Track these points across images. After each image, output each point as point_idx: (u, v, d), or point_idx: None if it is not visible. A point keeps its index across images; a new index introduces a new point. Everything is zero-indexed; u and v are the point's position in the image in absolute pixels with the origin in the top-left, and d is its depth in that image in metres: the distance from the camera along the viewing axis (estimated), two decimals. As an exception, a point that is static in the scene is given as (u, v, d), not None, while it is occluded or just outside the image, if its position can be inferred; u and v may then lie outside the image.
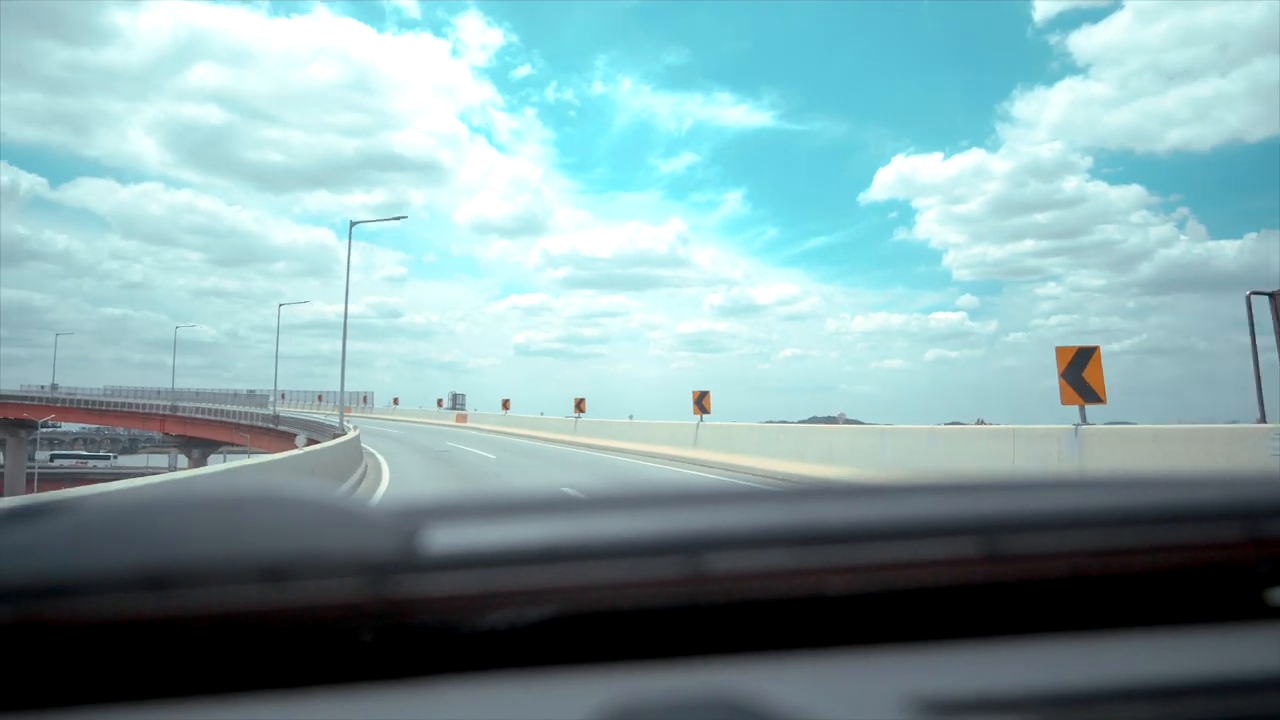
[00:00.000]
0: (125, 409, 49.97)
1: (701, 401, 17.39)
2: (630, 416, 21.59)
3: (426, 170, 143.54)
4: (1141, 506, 0.51)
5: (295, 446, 17.39)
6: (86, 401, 52.73)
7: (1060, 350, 8.50)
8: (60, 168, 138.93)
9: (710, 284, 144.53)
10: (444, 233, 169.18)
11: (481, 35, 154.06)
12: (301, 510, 0.46)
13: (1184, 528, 0.49)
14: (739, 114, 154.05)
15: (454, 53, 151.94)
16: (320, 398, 55.00)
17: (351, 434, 16.58)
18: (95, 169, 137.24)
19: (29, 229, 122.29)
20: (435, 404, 47.46)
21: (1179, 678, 0.42)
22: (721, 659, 0.43)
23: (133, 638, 0.40)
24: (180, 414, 42.76)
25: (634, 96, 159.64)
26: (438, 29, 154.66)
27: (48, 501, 0.45)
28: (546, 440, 23.48)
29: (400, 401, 52.62)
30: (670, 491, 0.52)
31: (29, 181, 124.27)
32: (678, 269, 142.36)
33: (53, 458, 64.15)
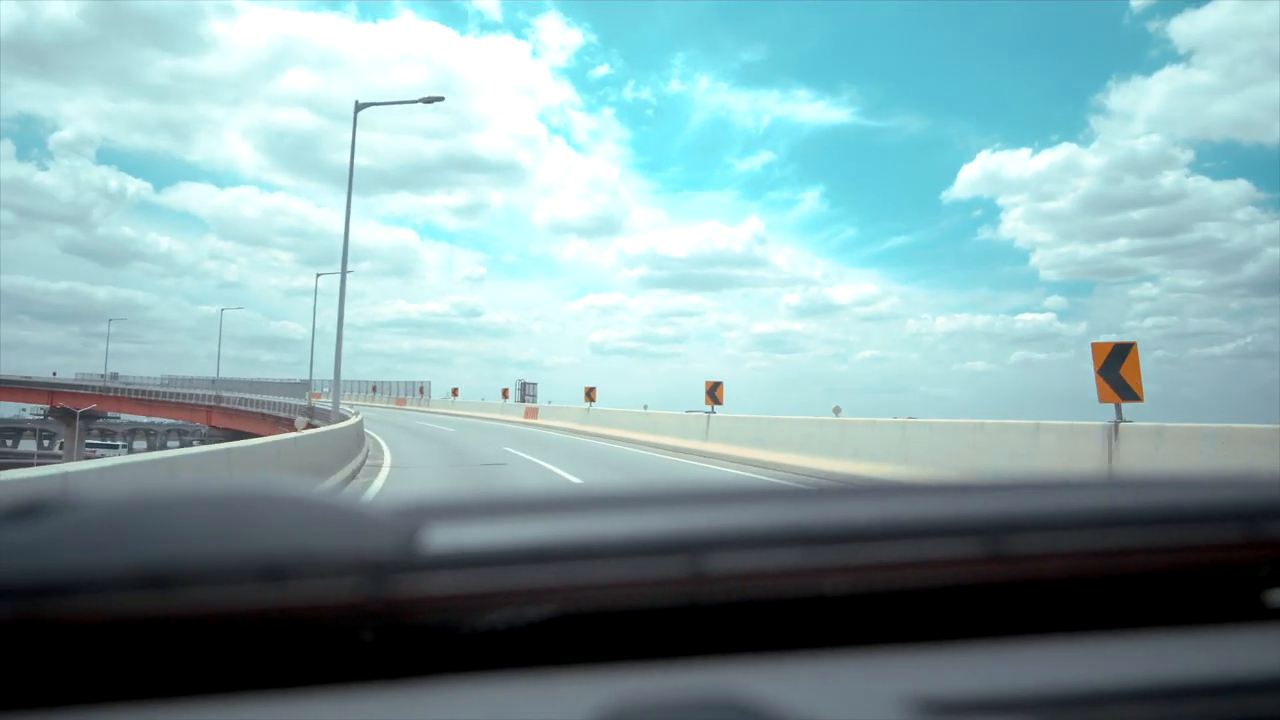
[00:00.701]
0: (174, 399, 49.67)
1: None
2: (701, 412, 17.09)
3: (506, 171, 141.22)
4: (1141, 507, 0.51)
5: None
6: (139, 392, 52.42)
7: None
8: (164, 172, 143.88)
9: (787, 284, 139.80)
10: (522, 233, 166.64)
11: (561, 36, 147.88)
12: (302, 509, 0.46)
13: (1184, 529, 0.49)
14: (817, 111, 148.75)
15: (534, 54, 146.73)
16: (374, 389, 51.11)
17: (347, 422, 15.01)
18: (195, 173, 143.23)
19: (135, 231, 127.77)
20: (500, 395, 36.79)
21: (1179, 679, 0.42)
22: (722, 659, 0.43)
23: (132, 636, 0.40)
24: (224, 405, 42.45)
25: (711, 95, 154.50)
26: (518, 30, 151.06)
27: (47, 499, 0.45)
28: (662, 447, 16.50)
29: (460, 392, 43.23)
30: (671, 490, 0.52)
31: (135, 186, 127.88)
32: (754, 269, 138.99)
33: (88, 446, 66.07)
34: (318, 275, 36.94)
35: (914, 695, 0.40)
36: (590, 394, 23.17)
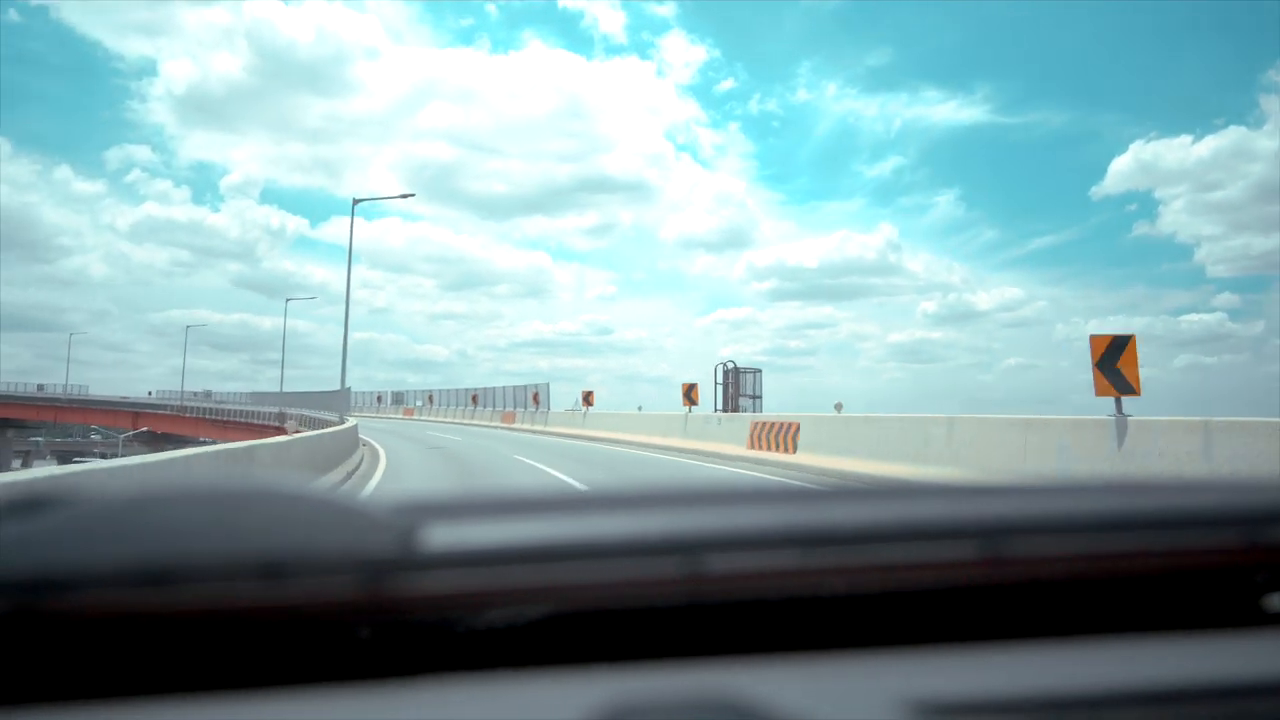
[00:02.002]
0: (244, 419, 49.22)
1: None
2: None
3: (634, 190, 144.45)
4: (1140, 511, 0.51)
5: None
6: (214, 411, 46.06)
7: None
8: (319, 208, 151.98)
9: (923, 291, 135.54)
10: (651, 250, 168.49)
11: (685, 54, 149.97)
12: (299, 506, 0.46)
13: (1182, 533, 0.50)
14: (948, 111, 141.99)
15: (659, 73, 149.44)
16: (475, 399, 37.61)
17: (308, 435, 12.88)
18: (346, 208, 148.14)
19: (295, 265, 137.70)
20: (682, 400, 19.64)
21: (1176, 683, 0.42)
22: (720, 660, 0.43)
23: (130, 633, 0.40)
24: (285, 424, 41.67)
25: (837, 102, 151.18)
26: (643, 51, 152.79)
27: (45, 495, 0.45)
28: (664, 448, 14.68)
29: (597, 401, 25.54)
30: (670, 490, 0.52)
31: (294, 223, 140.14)
32: (888, 276, 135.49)
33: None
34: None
35: (912, 697, 0.40)
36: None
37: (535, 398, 30.47)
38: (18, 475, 4.24)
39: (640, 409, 22.84)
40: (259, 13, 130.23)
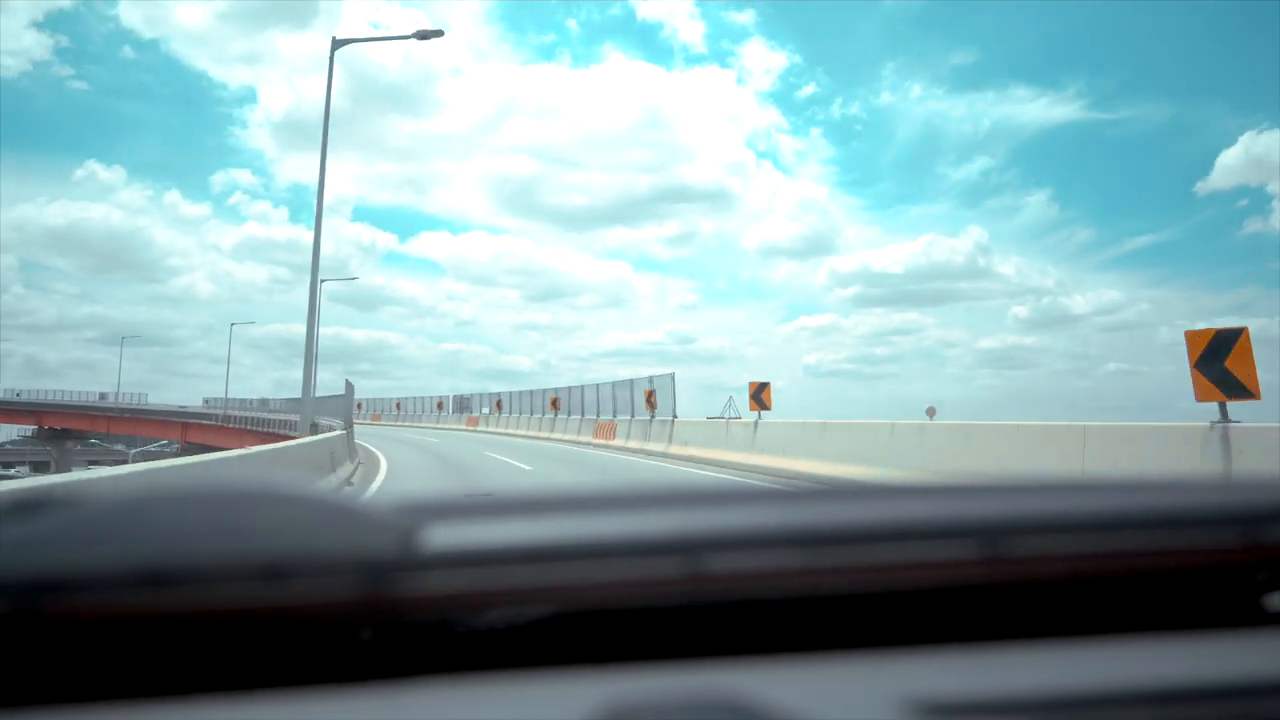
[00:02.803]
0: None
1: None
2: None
3: (715, 199, 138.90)
4: (1140, 511, 0.50)
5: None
6: (245, 420, 43.13)
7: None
8: (407, 224, 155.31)
9: (1015, 295, 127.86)
10: (732, 259, 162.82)
11: (765, 60, 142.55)
12: (300, 507, 0.45)
13: (1182, 532, 0.49)
14: (1038, 109, 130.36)
15: (739, 81, 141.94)
16: (555, 403, 27.92)
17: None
18: (433, 223, 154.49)
19: (385, 279, 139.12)
20: (750, 405, 14.77)
21: (1177, 682, 0.41)
22: (721, 660, 0.43)
23: (130, 634, 0.40)
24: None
25: (920, 104, 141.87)
26: (723, 60, 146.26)
27: (44, 497, 0.45)
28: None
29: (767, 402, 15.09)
30: (670, 491, 0.52)
31: (385, 239, 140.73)
32: (977, 280, 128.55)
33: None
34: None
35: (912, 697, 0.39)
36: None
37: (650, 398, 19.58)
38: (19, 482, 4.22)
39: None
40: (349, 37, 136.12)
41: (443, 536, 0.43)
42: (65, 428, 55.46)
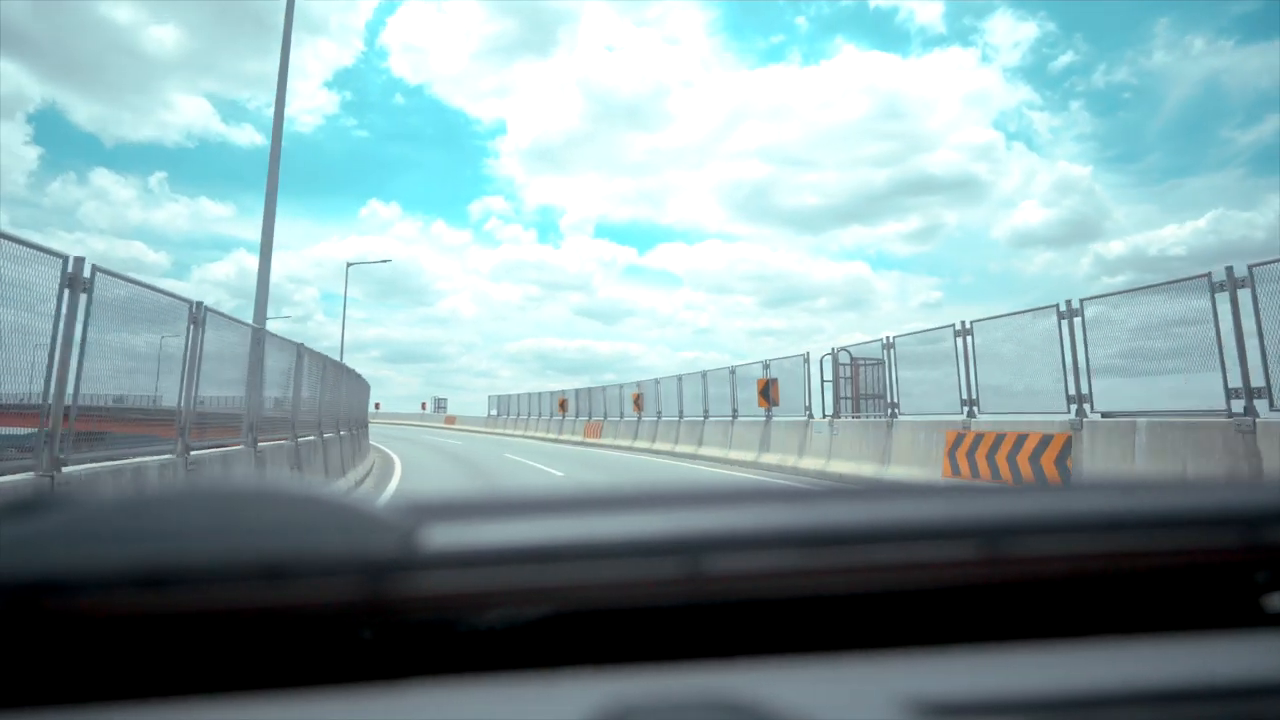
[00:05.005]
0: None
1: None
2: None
3: (960, 188, 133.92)
4: (1140, 511, 0.50)
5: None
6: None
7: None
8: (644, 238, 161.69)
9: None
10: (979, 251, 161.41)
11: (1013, 33, 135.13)
12: (301, 507, 0.45)
13: (1182, 533, 0.49)
14: None
15: (983, 59, 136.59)
16: (563, 404, 26.49)
17: None
18: (669, 235, 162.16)
19: (626, 292, 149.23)
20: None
21: (1177, 683, 0.42)
22: (721, 660, 0.43)
23: (131, 634, 0.40)
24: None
25: (1200, 61, 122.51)
26: (964, 39, 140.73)
27: (45, 496, 0.45)
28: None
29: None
30: (671, 491, 0.52)
31: (624, 253, 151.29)
32: None
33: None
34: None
35: (912, 697, 0.39)
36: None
37: (767, 390, 14.39)
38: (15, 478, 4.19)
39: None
40: (587, 62, 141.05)
41: (443, 536, 0.43)
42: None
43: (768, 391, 14.51)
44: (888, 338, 11.51)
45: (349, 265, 26.61)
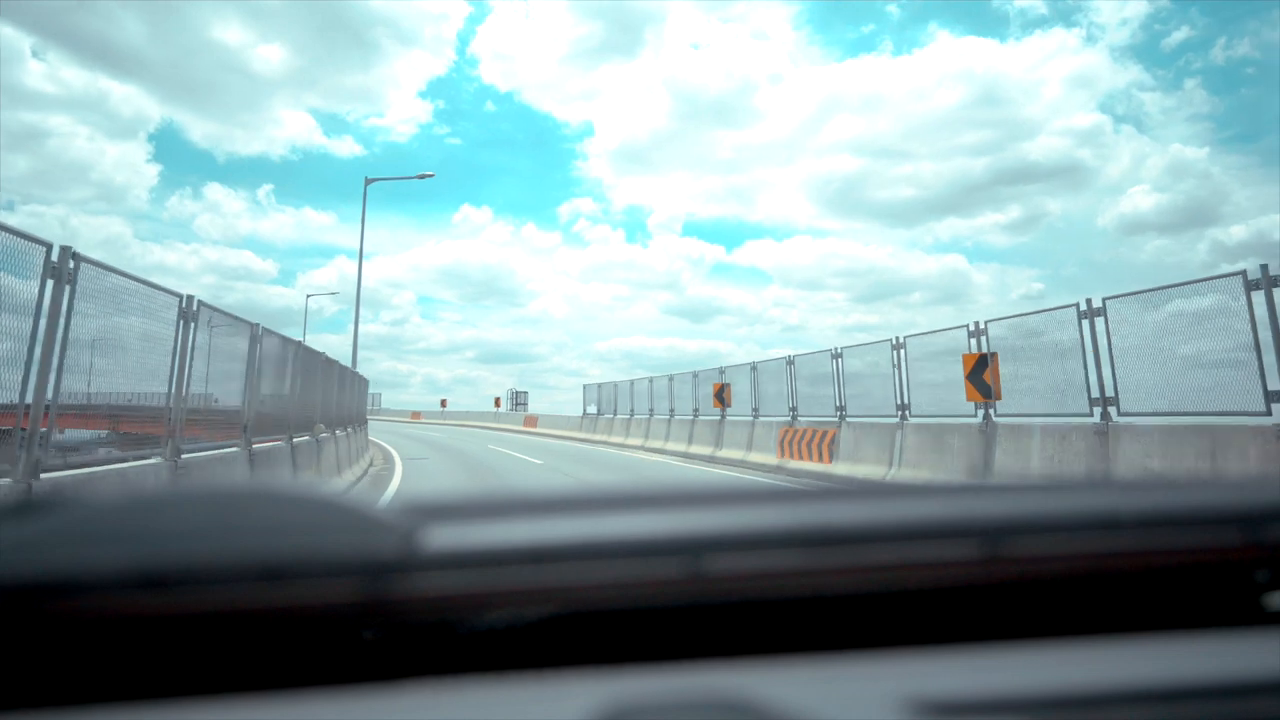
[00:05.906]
0: None
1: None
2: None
3: (1063, 175, 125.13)
4: (1141, 510, 0.51)
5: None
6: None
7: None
8: (733, 235, 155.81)
9: None
10: (1084, 240, 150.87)
11: (1120, 10, 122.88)
12: (301, 508, 0.46)
13: (1182, 532, 0.50)
14: None
15: (1088, 40, 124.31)
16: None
17: None
18: (758, 232, 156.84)
19: (714, 289, 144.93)
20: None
21: (1177, 681, 0.42)
22: (722, 660, 0.43)
23: (131, 636, 0.41)
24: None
25: None
26: (1067, 19, 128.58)
27: (46, 497, 0.45)
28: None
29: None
30: (672, 491, 0.52)
31: (712, 251, 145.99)
32: None
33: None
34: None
35: (913, 697, 0.40)
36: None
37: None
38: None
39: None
40: (672, 61, 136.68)
41: (444, 537, 0.44)
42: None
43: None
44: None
45: (368, 181, 21.07)
